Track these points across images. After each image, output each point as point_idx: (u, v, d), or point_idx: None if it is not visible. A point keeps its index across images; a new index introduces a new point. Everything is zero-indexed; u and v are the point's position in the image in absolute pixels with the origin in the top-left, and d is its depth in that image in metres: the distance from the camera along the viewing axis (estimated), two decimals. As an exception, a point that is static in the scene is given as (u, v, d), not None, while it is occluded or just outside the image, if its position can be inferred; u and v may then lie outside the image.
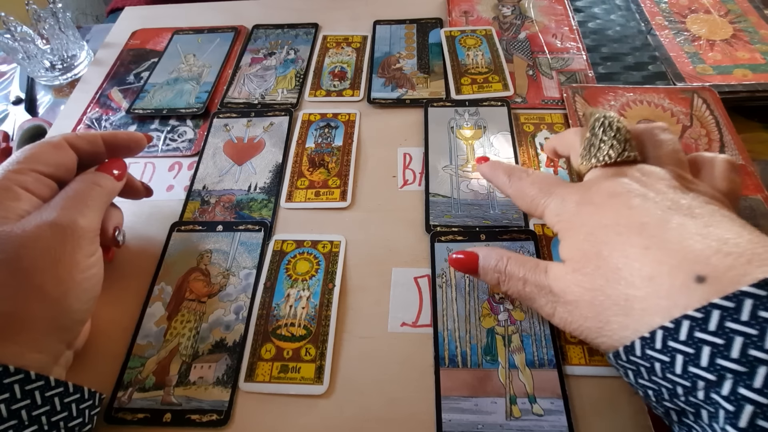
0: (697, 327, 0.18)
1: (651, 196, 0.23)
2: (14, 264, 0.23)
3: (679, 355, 0.18)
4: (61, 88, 0.50)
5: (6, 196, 0.25)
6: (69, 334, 0.26)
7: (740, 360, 0.17)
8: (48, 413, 0.22)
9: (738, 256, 0.18)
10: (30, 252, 0.23)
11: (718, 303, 0.17)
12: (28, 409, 0.21)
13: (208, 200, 0.37)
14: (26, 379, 0.21)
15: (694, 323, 0.18)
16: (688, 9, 0.48)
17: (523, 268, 0.26)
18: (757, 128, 0.39)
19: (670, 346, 0.19)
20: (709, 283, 0.18)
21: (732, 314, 0.17)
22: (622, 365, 0.22)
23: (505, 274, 0.26)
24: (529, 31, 0.47)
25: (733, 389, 0.17)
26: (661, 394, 0.20)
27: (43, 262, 0.23)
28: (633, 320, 0.20)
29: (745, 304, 0.17)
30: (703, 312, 0.18)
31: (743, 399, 0.17)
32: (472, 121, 0.40)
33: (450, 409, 0.26)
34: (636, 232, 0.22)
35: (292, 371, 0.28)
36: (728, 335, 0.17)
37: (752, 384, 0.16)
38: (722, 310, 0.17)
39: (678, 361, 0.18)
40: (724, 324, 0.17)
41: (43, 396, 0.22)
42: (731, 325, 0.17)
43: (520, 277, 0.26)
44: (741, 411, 0.16)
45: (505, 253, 0.27)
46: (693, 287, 0.19)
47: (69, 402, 0.23)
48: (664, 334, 0.19)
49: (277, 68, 0.47)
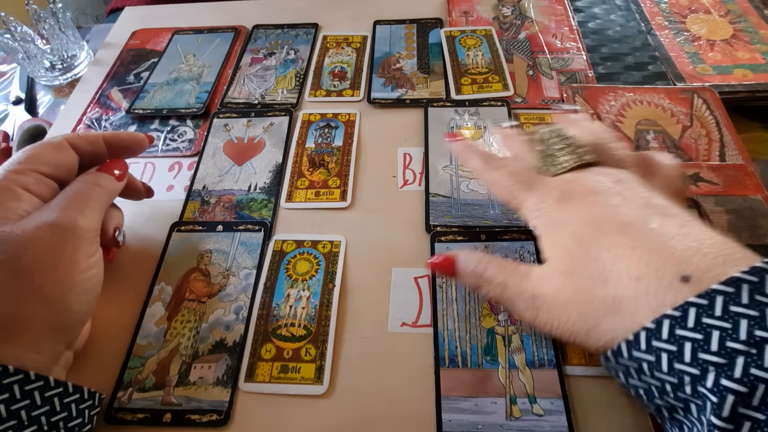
0: (677, 325, 0.18)
1: (628, 195, 0.23)
2: (14, 264, 0.23)
3: (663, 353, 0.19)
4: (61, 88, 0.50)
5: (7, 197, 0.25)
6: (68, 335, 0.26)
7: (719, 352, 0.17)
8: (48, 413, 0.22)
9: (714, 256, 0.19)
10: (30, 252, 0.23)
11: (693, 301, 0.18)
12: (27, 409, 0.21)
13: (208, 200, 0.37)
14: (26, 380, 0.21)
15: (674, 321, 0.18)
16: (688, 9, 0.48)
17: (502, 273, 0.25)
18: (757, 128, 0.39)
19: (654, 346, 0.19)
20: (692, 283, 0.19)
21: (706, 310, 0.18)
22: (612, 368, 0.22)
23: (484, 279, 0.26)
24: (529, 31, 0.47)
25: (715, 381, 0.17)
26: (652, 392, 0.20)
27: (43, 262, 0.23)
28: (622, 320, 0.20)
29: (717, 300, 0.18)
30: (681, 310, 0.18)
31: (725, 390, 0.17)
32: (472, 121, 0.40)
33: (450, 409, 0.26)
34: (622, 231, 0.22)
35: (292, 371, 0.28)
36: (706, 330, 0.18)
37: (732, 374, 0.17)
38: (697, 307, 0.18)
39: (663, 359, 0.19)
40: (701, 320, 0.18)
41: (43, 396, 0.22)
42: (707, 320, 0.18)
43: (500, 282, 0.25)
44: (724, 402, 0.17)
45: (484, 256, 0.26)
46: (678, 287, 0.19)
47: (68, 402, 0.23)
48: (647, 335, 0.19)
49: (277, 68, 0.47)
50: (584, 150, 0.26)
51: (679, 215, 0.22)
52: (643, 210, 0.22)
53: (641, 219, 0.22)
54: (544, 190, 0.26)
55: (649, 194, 0.23)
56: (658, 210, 0.22)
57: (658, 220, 0.22)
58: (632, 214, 0.22)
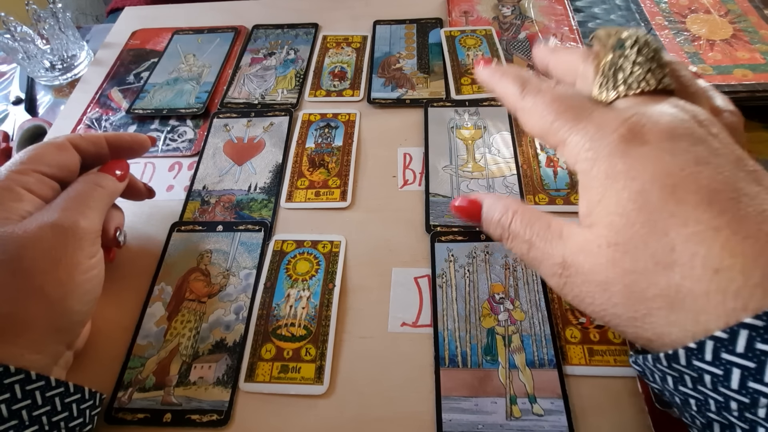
0: (758, 337, 0.14)
1: (716, 147, 0.17)
2: (15, 264, 0.23)
3: (735, 368, 0.15)
4: (61, 88, 0.50)
5: (8, 197, 0.25)
6: (69, 335, 0.26)
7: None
8: (49, 413, 0.22)
9: None
10: (31, 253, 0.23)
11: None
12: (28, 409, 0.21)
13: (208, 200, 0.37)
14: (27, 380, 0.21)
15: (755, 333, 0.15)
16: (688, 9, 0.48)
17: (530, 229, 0.21)
18: (757, 128, 0.39)
19: (723, 359, 0.15)
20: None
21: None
22: (660, 369, 0.18)
23: (509, 231, 0.22)
24: (529, 31, 0.47)
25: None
26: (708, 405, 0.17)
27: (44, 263, 0.23)
28: (683, 318, 0.16)
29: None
30: (765, 320, 0.14)
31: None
32: (472, 121, 0.40)
33: (450, 409, 0.26)
34: (705, 201, 0.16)
35: (292, 371, 0.28)
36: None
37: None
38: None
39: (734, 375, 0.15)
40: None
41: (44, 396, 0.22)
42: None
43: (526, 239, 0.21)
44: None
45: (512, 204, 0.22)
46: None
47: (69, 402, 0.23)
48: (715, 345, 0.15)
49: (277, 68, 0.47)
50: (667, 70, 0.20)
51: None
52: (734, 173, 0.17)
53: (733, 187, 0.16)
54: (601, 121, 0.19)
55: (740, 151, 0.18)
56: (751, 173, 0.17)
57: (754, 188, 0.16)
58: (723, 176, 0.17)
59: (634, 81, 0.20)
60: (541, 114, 0.21)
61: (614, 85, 0.20)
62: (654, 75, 0.20)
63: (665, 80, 0.20)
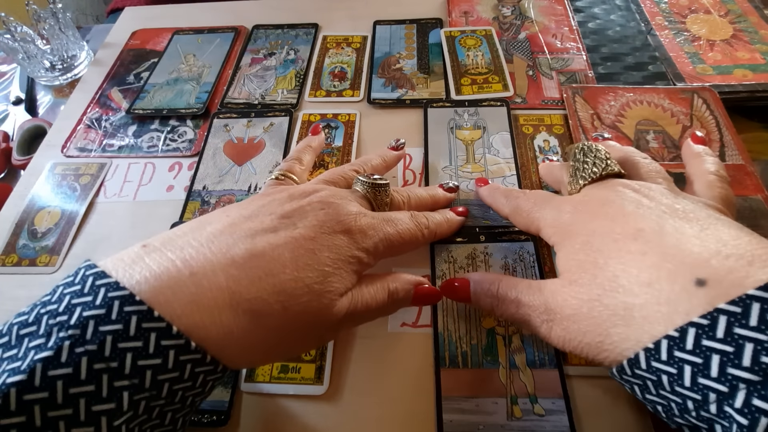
0: (704, 335, 0.17)
1: (645, 203, 0.23)
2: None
3: (687, 365, 0.17)
4: (61, 88, 0.50)
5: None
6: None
7: (752, 368, 0.16)
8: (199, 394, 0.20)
9: (738, 257, 0.18)
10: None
11: (723, 308, 0.17)
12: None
13: (208, 200, 0.37)
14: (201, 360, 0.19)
15: (701, 330, 0.17)
16: (688, 9, 0.48)
17: (515, 290, 0.25)
18: (757, 128, 0.39)
19: (676, 357, 0.17)
20: (709, 287, 0.18)
21: (740, 319, 0.16)
22: (627, 380, 0.20)
23: (498, 298, 0.25)
24: (529, 32, 0.47)
25: (746, 401, 0.16)
26: (671, 409, 0.19)
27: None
28: (634, 330, 0.19)
29: (753, 308, 0.16)
30: (709, 318, 0.17)
31: (758, 411, 0.15)
32: (472, 121, 0.40)
33: (451, 409, 0.26)
34: (632, 237, 0.21)
35: (292, 371, 0.28)
36: (738, 342, 0.16)
37: (767, 394, 0.15)
38: (729, 316, 0.16)
39: (686, 372, 0.17)
40: (732, 330, 0.16)
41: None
42: (740, 331, 0.16)
43: (513, 299, 0.25)
44: (756, 425, 0.15)
45: (497, 276, 0.26)
46: (693, 291, 0.18)
47: (210, 379, 0.21)
48: (669, 344, 0.18)
49: (277, 68, 0.47)
50: (611, 161, 0.27)
51: (705, 219, 0.21)
52: (659, 216, 0.21)
53: (655, 224, 0.21)
54: (559, 205, 0.26)
55: (673, 201, 0.23)
56: (679, 214, 0.21)
57: (675, 223, 0.21)
58: (647, 219, 0.21)
59: (588, 174, 0.27)
60: (522, 207, 0.29)
61: (577, 179, 0.28)
62: (597, 167, 0.27)
63: (611, 167, 0.26)
